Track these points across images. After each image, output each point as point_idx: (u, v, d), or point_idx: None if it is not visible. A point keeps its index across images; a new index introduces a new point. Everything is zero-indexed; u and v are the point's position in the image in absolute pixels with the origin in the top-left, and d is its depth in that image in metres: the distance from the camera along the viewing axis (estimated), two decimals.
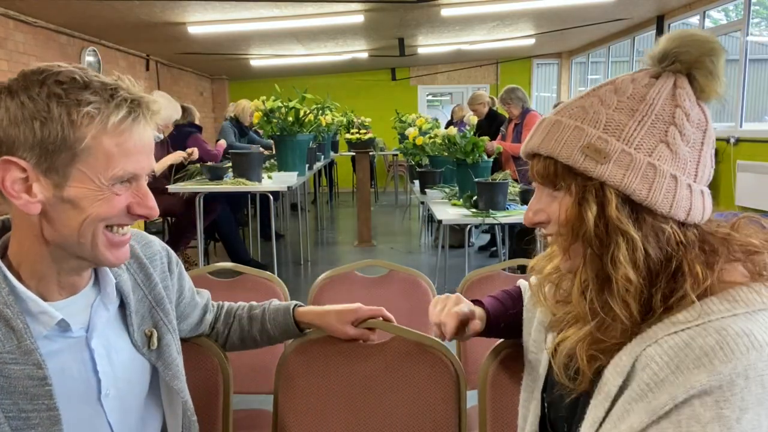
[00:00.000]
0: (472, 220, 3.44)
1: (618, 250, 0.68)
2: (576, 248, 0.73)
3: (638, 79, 0.72)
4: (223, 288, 1.78)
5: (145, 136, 0.81)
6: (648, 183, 0.68)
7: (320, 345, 1.25)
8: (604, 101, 0.72)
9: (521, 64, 10.48)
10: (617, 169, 0.68)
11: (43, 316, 0.81)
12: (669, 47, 0.71)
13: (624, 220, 0.68)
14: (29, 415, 0.78)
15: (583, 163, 0.70)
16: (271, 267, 4.11)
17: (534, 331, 0.97)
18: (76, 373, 0.85)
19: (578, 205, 0.71)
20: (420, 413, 1.23)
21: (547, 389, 0.90)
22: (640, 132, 0.69)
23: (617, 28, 7.66)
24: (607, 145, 0.69)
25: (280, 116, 4.25)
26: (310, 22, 6.06)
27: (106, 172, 0.77)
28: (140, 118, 0.80)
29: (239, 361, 1.32)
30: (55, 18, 5.39)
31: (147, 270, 0.99)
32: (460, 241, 5.29)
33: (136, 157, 0.80)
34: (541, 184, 0.77)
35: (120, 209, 0.80)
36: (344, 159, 8.93)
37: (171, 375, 0.98)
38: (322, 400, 1.25)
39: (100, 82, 0.77)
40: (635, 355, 0.68)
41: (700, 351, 0.62)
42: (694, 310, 0.66)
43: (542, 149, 0.74)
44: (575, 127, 0.71)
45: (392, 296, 1.85)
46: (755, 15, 5.62)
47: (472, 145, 3.85)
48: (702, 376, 0.61)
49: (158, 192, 3.99)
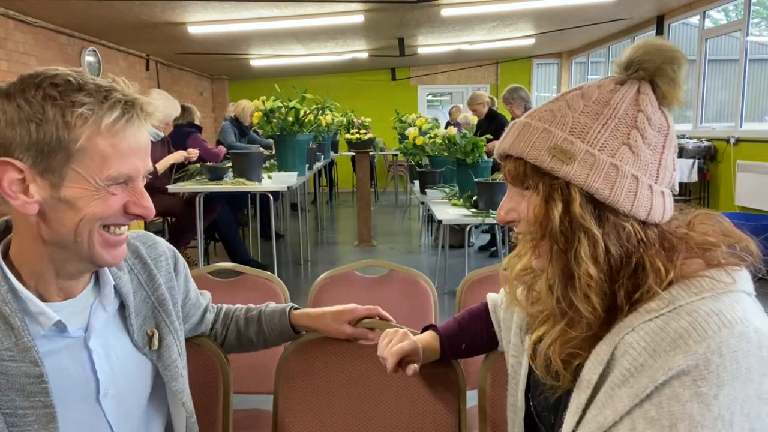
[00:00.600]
0: (472, 220, 3.44)
1: (580, 247, 0.71)
2: (543, 246, 0.77)
3: (604, 85, 0.76)
4: (223, 288, 1.78)
5: (140, 138, 0.82)
6: (610, 182, 0.71)
7: (320, 345, 1.25)
8: (571, 105, 0.76)
9: (521, 64, 10.49)
10: (581, 169, 0.71)
11: (41, 317, 0.82)
12: (633, 55, 0.75)
13: (587, 217, 0.71)
14: (26, 412, 0.79)
15: (550, 163, 0.73)
16: (271, 267, 4.11)
17: (513, 335, 0.99)
18: (74, 373, 0.86)
19: (545, 204, 0.74)
20: (420, 413, 1.23)
21: (530, 389, 0.93)
22: (603, 134, 0.72)
23: (617, 28, 7.66)
24: (572, 146, 0.72)
25: (280, 116, 4.25)
26: (310, 22, 6.06)
27: (101, 172, 0.78)
28: (134, 119, 0.80)
29: (239, 361, 1.32)
30: (55, 18, 5.39)
31: (151, 271, 1.00)
32: (460, 241, 5.29)
33: (130, 158, 0.81)
34: (511, 183, 0.81)
35: (116, 209, 0.81)
36: (344, 159, 8.94)
37: (170, 376, 0.98)
38: (322, 400, 1.25)
39: (94, 84, 0.78)
40: (614, 343, 0.71)
41: (674, 334, 0.65)
42: (664, 299, 0.69)
43: (512, 150, 0.77)
44: (543, 129, 0.75)
45: (392, 296, 1.85)
46: (755, 15, 5.62)
47: (472, 145, 3.86)
48: (679, 357, 0.64)
49: (158, 192, 4.02)
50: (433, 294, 1.83)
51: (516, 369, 0.98)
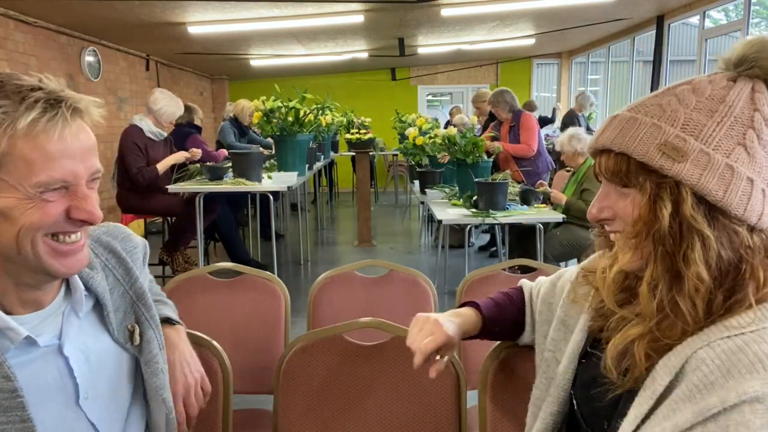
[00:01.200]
0: (472, 220, 3.44)
1: (692, 249, 0.68)
2: (646, 247, 0.73)
3: (716, 81, 0.73)
4: (223, 288, 1.79)
5: (71, 138, 0.76)
6: (725, 184, 0.68)
7: (320, 345, 1.25)
8: (682, 100, 0.72)
9: (521, 64, 10.48)
10: (694, 169, 0.68)
11: (9, 332, 0.79)
12: (747, 52, 0.72)
13: (699, 219, 0.68)
14: (4, 427, 0.76)
15: (660, 161, 0.70)
16: (271, 267, 4.11)
17: (553, 330, 0.97)
18: (50, 381, 0.84)
19: (652, 203, 0.71)
20: (420, 413, 1.23)
21: (575, 386, 0.90)
22: (719, 133, 0.69)
23: (617, 28, 7.66)
24: (685, 144, 0.69)
25: (280, 116, 4.25)
26: (310, 22, 6.05)
27: (29, 179, 0.73)
28: (59, 118, 0.74)
29: (239, 361, 1.32)
30: (55, 18, 5.39)
31: (127, 265, 0.98)
32: (460, 241, 5.29)
33: (61, 161, 0.74)
34: (609, 180, 0.77)
35: (55, 216, 0.76)
36: (344, 159, 8.93)
37: (150, 372, 0.96)
38: (322, 400, 1.25)
39: (15, 85, 0.74)
40: (685, 356, 0.68)
41: (754, 357, 0.62)
42: (748, 316, 0.66)
43: (615, 145, 0.73)
44: (652, 125, 0.71)
45: (392, 296, 1.85)
46: (755, 15, 5.62)
47: (472, 145, 3.85)
48: (755, 382, 0.61)
49: (158, 192, 4.02)
50: (433, 294, 1.83)
51: (550, 364, 0.95)
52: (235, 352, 1.30)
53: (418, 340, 0.96)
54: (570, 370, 0.91)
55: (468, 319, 1.04)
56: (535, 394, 0.98)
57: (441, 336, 0.97)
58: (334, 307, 1.83)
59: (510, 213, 3.45)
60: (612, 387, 0.77)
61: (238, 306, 1.77)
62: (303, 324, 1.87)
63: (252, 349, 1.73)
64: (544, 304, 1.03)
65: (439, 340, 0.96)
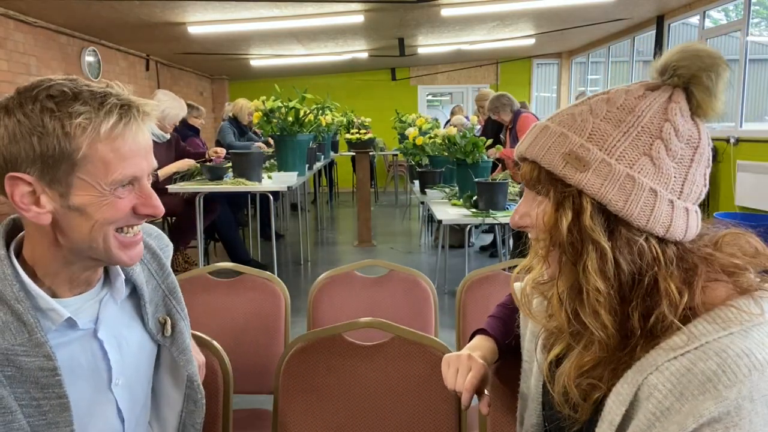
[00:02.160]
0: (472, 220, 3.44)
1: (588, 260, 0.68)
2: (554, 255, 0.73)
3: (633, 91, 0.72)
4: (223, 288, 1.79)
5: (141, 139, 0.84)
6: (625, 195, 0.67)
7: (320, 345, 1.25)
8: (593, 110, 0.72)
9: (521, 64, 10.48)
10: (595, 179, 0.68)
11: (52, 313, 0.84)
12: (669, 59, 0.71)
13: (597, 229, 0.68)
14: (40, 402, 0.82)
15: (563, 170, 0.70)
16: (271, 267, 4.11)
17: (527, 340, 0.97)
18: (85, 363, 0.89)
19: (555, 211, 0.71)
20: (420, 413, 1.23)
21: (545, 408, 0.90)
22: (623, 143, 0.68)
23: (617, 28, 7.66)
24: (588, 154, 0.69)
25: (280, 116, 4.25)
26: (310, 22, 6.05)
27: (106, 177, 0.80)
28: (132, 122, 0.82)
29: (239, 361, 1.32)
30: (55, 18, 5.39)
31: (160, 260, 1.04)
32: (460, 241, 5.29)
33: (132, 160, 0.82)
34: (527, 187, 0.77)
35: (125, 212, 0.84)
36: (344, 159, 8.93)
37: (185, 360, 1.02)
38: (322, 400, 1.25)
39: (89, 92, 0.80)
40: (636, 383, 0.67)
41: (702, 376, 0.62)
42: (687, 333, 0.65)
43: (528, 154, 0.74)
44: (560, 134, 0.71)
45: (392, 296, 1.85)
46: (755, 15, 5.62)
47: (472, 145, 3.85)
48: (709, 403, 0.60)
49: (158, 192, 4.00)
50: (433, 294, 1.83)
51: (527, 374, 0.95)
52: (235, 352, 1.30)
53: (460, 381, 0.94)
54: (539, 386, 0.90)
55: (485, 348, 1.03)
56: (520, 403, 0.98)
57: (479, 369, 0.95)
58: (334, 307, 1.83)
59: (510, 213, 3.45)
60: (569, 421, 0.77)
61: (238, 306, 1.77)
62: (303, 324, 1.87)
63: (252, 349, 1.73)
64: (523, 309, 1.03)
65: (479, 374, 0.95)
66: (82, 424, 0.87)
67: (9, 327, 0.80)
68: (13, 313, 0.81)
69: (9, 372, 0.80)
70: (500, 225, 3.82)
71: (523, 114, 4.77)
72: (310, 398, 1.25)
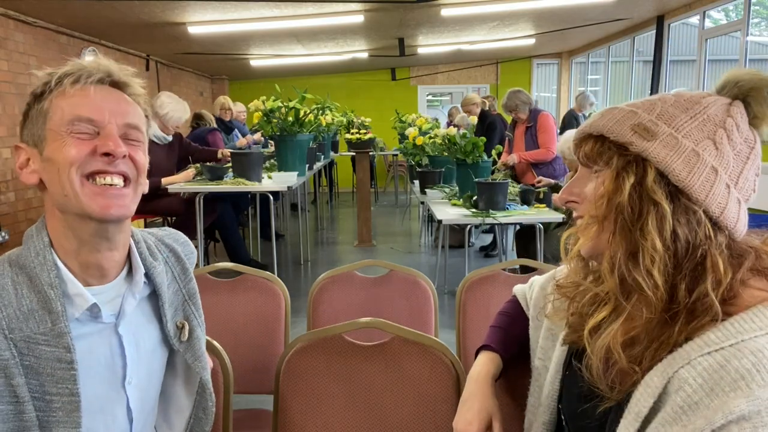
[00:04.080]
0: (472, 220, 3.44)
1: (649, 219, 0.70)
2: (608, 224, 0.75)
3: (699, 92, 0.77)
4: (224, 288, 1.79)
5: (110, 97, 0.88)
6: (689, 167, 0.70)
7: (320, 345, 1.25)
8: (662, 98, 0.76)
9: (521, 64, 10.48)
10: (662, 148, 0.71)
11: (78, 299, 0.86)
12: (729, 76, 0.76)
13: (659, 192, 0.70)
14: (52, 398, 0.82)
15: (631, 137, 0.73)
16: (271, 267, 4.11)
17: (542, 338, 0.97)
18: (102, 358, 0.90)
19: (617, 177, 0.73)
20: (420, 413, 1.23)
21: (562, 400, 0.90)
22: (690, 125, 0.72)
23: (617, 28, 7.66)
24: (656, 127, 0.72)
25: (280, 116, 4.25)
26: (310, 22, 6.05)
27: (62, 120, 0.85)
28: (105, 82, 0.88)
29: (239, 361, 1.32)
30: (55, 18, 5.38)
31: (184, 265, 1.05)
32: (460, 241, 5.29)
33: (89, 106, 0.85)
34: (584, 165, 0.80)
35: (83, 153, 0.84)
36: (344, 159, 8.93)
37: (201, 366, 1.03)
38: (322, 400, 1.25)
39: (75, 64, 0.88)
40: (667, 376, 0.67)
41: (736, 374, 0.62)
42: (723, 330, 0.66)
43: (593, 128, 0.77)
44: (630, 111, 0.76)
45: (392, 296, 1.85)
46: (755, 15, 5.62)
47: (472, 145, 3.86)
48: (740, 400, 0.60)
49: (159, 192, 4.01)
50: (433, 294, 1.83)
51: (541, 372, 0.96)
52: (235, 352, 1.30)
53: None
54: (557, 380, 0.91)
55: (490, 363, 1.03)
56: (530, 402, 0.98)
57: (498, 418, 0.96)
58: (334, 307, 1.83)
59: (510, 213, 3.46)
60: (598, 403, 0.77)
61: (238, 306, 1.77)
62: (303, 324, 1.87)
63: (252, 349, 1.73)
64: (535, 309, 1.03)
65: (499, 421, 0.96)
66: (91, 419, 0.87)
67: (34, 315, 0.82)
68: (40, 300, 0.82)
69: (27, 361, 0.81)
70: (500, 225, 3.82)
71: (542, 112, 4.50)
72: (310, 398, 1.25)
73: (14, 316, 0.81)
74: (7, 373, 0.79)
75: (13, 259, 0.86)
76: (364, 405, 1.25)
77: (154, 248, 1.01)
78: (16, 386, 0.79)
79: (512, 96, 4.51)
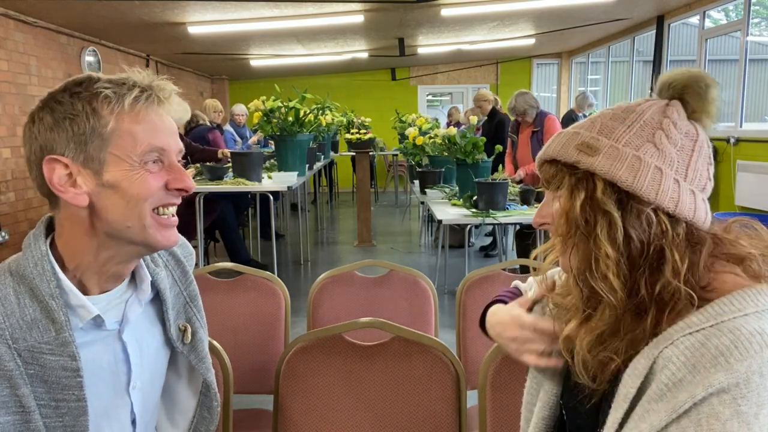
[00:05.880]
0: (472, 220, 3.44)
1: (600, 229, 0.74)
2: (571, 241, 0.79)
3: (636, 101, 0.81)
4: (224, 288, 1.79)
5: (164, 117, 0.86)
6: (633, 171, 0.74)
7: (320, 345, 1.25)
8: (602, 114, 0.81)
9: (521, 64, 10.48)
10: (605, 160, 0.75)
11: (81, 310, 0.85)
12: (664, 80, 0.81)
13: (607, 201, 0.74)
14: (59, 404, 0.82)
15: (577, 156, 0.77)
16: (271, 267, 4.11)
17: None
18: (106, 365, 0.89)
19: (571, 195, 0.78)
20: (420, 413, 1.23)
21: (564, 395, 0.92)
22: (629, 133, 0.77)
23: (617, 28, 7.66)
24: (598, 142, 0.77)
25: (280, 116, 4.25)
26: (310, 22, 6.05)
27: (134, 149, 0.82)
28: (153, 99, 0.84)
29: (239, 361, 1.32)
30: (55, 18, 5.38)
31: (184, 267, 1.05)
32: (460, 241, 5.30)
33: (159, 134, 0.84)
34: (547, 188, 0.84)
35: (157, 187, 0.84)
36: (344, 159, 8.93)
37: (205, 368, 1.02)
38: (322, 400, 1.25)
39: (111, 77, 0.84)
40: (653, 357, 0.71)
41: (716, 350, 0.66)
42: (704, 313, 0.70)
43: (545, 154, 0.83)
44: (573, 132, 0.81)
45: (392, 296, 1.85)
46: (755, 15, 5.62)
47: (472, 145, 3.86)
48: (720, 374, 0.64)
49: None
50: (433, 294, 1.83)
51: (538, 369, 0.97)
52: (235, 352, 1.30)
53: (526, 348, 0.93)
54: (555, 376, 0.93)
55: None
56: (526, 399, 1.00)
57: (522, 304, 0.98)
58: (334, 307, 1.83)
59: (510, 213, 3.46)
60: (591, 395, 0.81)
61: (238, 306, 1.77)
62: (303, 324, 1.87)
63: (252, 349, 1.73)
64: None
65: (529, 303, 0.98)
66: (97, 425, 0.87)
67: (37, 324, 0.81)
68: (43, 310, 0.81)
69: (32, 370, 0.81)
70: (500, 225, 3.82)
71: (549, 115, 4.39)
72: (310, 398, 1.25)
73: (18, 326, 0.81)
74: (12, 384, 0.79)
75: (13, 269, 0.85)
76: (364, 405, 1.25)
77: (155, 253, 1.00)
78: (22, 396, 0.79)
79: (520, 99, 4.35)
